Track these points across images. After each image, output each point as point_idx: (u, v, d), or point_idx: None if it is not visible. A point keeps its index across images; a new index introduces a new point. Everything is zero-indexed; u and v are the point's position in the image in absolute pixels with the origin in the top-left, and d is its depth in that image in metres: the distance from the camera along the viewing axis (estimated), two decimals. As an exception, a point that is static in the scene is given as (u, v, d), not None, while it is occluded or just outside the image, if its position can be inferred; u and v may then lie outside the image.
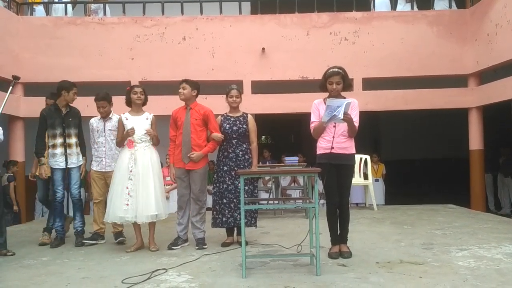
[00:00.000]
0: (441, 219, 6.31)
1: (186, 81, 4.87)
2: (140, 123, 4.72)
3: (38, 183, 5.39)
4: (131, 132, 4.63)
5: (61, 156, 5.08)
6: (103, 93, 5.18)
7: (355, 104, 4.07)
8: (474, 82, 8.56)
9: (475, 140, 8.53)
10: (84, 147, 5.24)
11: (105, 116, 5.16)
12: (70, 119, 5.15)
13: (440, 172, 12.99)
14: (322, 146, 4.12)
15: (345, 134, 4.08)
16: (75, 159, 5.15)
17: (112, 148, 5.09)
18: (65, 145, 5.10)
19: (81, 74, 7.30)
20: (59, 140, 5.09)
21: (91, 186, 5.34)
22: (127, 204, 4.56)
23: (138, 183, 4.58)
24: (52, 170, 5.09)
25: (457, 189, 9.58)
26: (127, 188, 4.58)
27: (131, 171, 4.60)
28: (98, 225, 5.20)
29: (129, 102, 4.82)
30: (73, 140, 5.14)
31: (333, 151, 4.04)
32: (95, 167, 5.13)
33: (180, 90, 4.82)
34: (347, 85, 4.12)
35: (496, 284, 3.25)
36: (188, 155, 4.72)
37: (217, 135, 4.78)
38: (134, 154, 4.65)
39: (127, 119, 4.73)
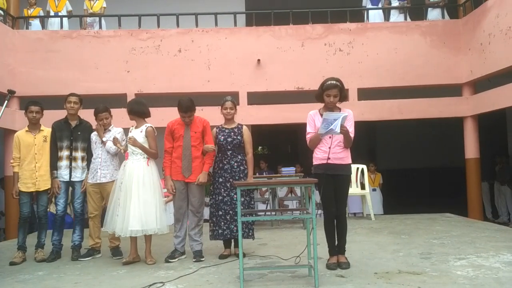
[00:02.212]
0: (438, 228, 6.31)
1: (190, 110, 4.74)
2: (136, 136, 4.75)
3: (21, 199, 5.08)
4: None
5: (65, 169, 5.11)
6: (103, 105, 5.19)
7: (350, 115, 4.12)
8: (468, 91, 8.61)
9: (471, 149, 8.56)
10: (90, 161, 5.19)
11: (106, 128, 5.15)
12: (79, 133, 5.18)
13: (437, 181, 13.01)
14: (319, 156, 4.15)
15: (341, 144, 4.12)
16: (80, 173, 5.15)
17: (107, 159, 5.08)
18: (71, 158, 5.11)
19: (77, 87, 7.26)
20: (65, 153, 5.12)
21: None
22: (117, 216, 4.60)
23: (125, 195, 4.61)
24: None
25: (454, 198, 9.59)
26: (118, 199, 4.64)
27: (121, 183, 4.66)
28: (94, 240, 5.16)
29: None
30: (79, 154, 5.16)
31: (329, 161, 4.07)
32: (90, 179, 5.10)
33: (186, 120, 4.77)
34: (343, 96, 4.20)
35: (495, 293, 3.25)
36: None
37: (208, 146, 4.79)
38: (125, 167, 4.72)
39: (130, 131, 4.84)
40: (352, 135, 4.11)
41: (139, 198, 4.56)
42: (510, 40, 7.19)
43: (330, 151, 4.07)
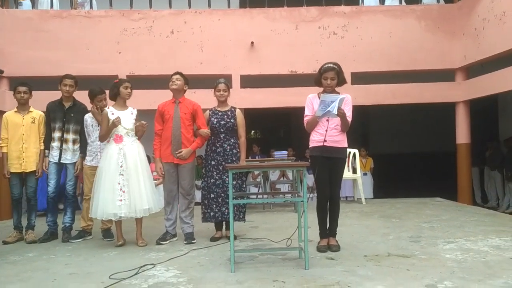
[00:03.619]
0: (428, 212, 6.37)
1: (180, 73, 4.85)
2: (126, 118, 4.68)
3: (12, 181, 5.13)
4: (117, 121, 4.57)
5: (56, 150, 5.10)
6: (97, 88, 5.12)
7: (348, 99, 4.14)
8: (461, 76, 8.62)
9: (462, 134, 8.60)
10: (84, 144, 5.15)
11: (103, 110, 5.10)
12: (72, 115, 5.14)
13: (428, 166, 13.10)
14: (315, 139, 4.17)
15: (337, 128, 4.14)
16: (70, 155, 5.11)
17: (105, 142, 5.02)
18: (62, 140, 5.08)
19: (68, 68, 7.15)
20: (57, 134, 5.10)
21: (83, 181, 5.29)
22: (121, 200, 4.50)
23: (129, 178, 4.54)
24: (48, 163, 5.10)
25: (445, 183, 9.68)
26: (118, 184, 4.51)
27: (121, 167, 4.55)
28: (86, 222, 5.16)
29: (115, 96, 4.75)
30: (70, 136, 5.11)
31: (325, 144, 4.09)
32: (89, 162, 5.07)
33: (173, 80, 4.78)
34: (341, 80, 4.18)
35: (483, 276, 3.29)
36: (177, 153, 4.68)
37: (204, 130, 4.76)
38: (123, 149, 4.60)
39: (112, 113, 4.66)
40: (349, 119, 4.11)
41: (145, 178, 4.62)
42: (504, 25, 7.17)
43: (326, 133, 4.09)
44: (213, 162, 4.84)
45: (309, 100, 4.24)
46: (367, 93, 8.53)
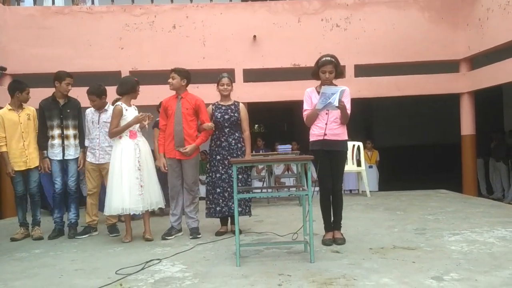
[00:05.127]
0: (433, 204, 6.36)
1: (175, 70, 4.78)
2: (134, 114, 4.70)
3: (15, 178, 5.08)
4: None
5: (58, 148, 5.09)
6: (93, 87, 5.07)
7: (347, 91, 4.12)
8: (465, 67, 8.56)
9: (467, 125, 8.56)
10: (83, 138, 5.17)
11: (99, 108, 5.10)
12: (68, 111, 5.13)
13: (433, 158, 13.06)
14: (315, 133, 4.16)
15: (337, 121, 4.12)
16: (73, 151, 5.13)
17: (105, 140, 5.02)
18: (63, 137, 5.08)
19: (71, 65, 7.16)
20: (56, 132, 5.09)
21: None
22: (140, 195, 4.55)
23: (144, 173, 4.60)
24: (50, 161, 5.09)
25: (449, 174, 9.64)
26: (137, 178, 4.54)
27: (138, 162, 4.58)
28: (91, 217, 5.18)
29: (128, 92, 4.71)
30: (71, 131, 5.12)
31: (326, 137, 4.08)
32: (90, 158, 5.09)
33: (169, 80, 4.76)
34: (339, 73, 4.17)
35: (489, 268, 3.28)
36: (182, 150, 4.67)
37: (208, 124, 4.75)
38: (138, 145, 4.64)
39: (126, 109, 4.66)
40: (348, 111, 4.09)
41: (154, 173, 4.74)
42: (509, 15, 7.09)
43: (326, 127, 4.07)
44: (218, 157, 4.83)
45: (307, 94, 4.22)
46: (371, 86, 8.49)
